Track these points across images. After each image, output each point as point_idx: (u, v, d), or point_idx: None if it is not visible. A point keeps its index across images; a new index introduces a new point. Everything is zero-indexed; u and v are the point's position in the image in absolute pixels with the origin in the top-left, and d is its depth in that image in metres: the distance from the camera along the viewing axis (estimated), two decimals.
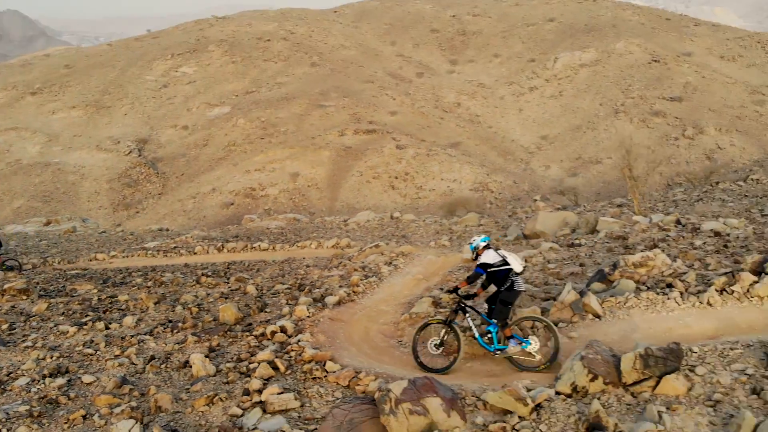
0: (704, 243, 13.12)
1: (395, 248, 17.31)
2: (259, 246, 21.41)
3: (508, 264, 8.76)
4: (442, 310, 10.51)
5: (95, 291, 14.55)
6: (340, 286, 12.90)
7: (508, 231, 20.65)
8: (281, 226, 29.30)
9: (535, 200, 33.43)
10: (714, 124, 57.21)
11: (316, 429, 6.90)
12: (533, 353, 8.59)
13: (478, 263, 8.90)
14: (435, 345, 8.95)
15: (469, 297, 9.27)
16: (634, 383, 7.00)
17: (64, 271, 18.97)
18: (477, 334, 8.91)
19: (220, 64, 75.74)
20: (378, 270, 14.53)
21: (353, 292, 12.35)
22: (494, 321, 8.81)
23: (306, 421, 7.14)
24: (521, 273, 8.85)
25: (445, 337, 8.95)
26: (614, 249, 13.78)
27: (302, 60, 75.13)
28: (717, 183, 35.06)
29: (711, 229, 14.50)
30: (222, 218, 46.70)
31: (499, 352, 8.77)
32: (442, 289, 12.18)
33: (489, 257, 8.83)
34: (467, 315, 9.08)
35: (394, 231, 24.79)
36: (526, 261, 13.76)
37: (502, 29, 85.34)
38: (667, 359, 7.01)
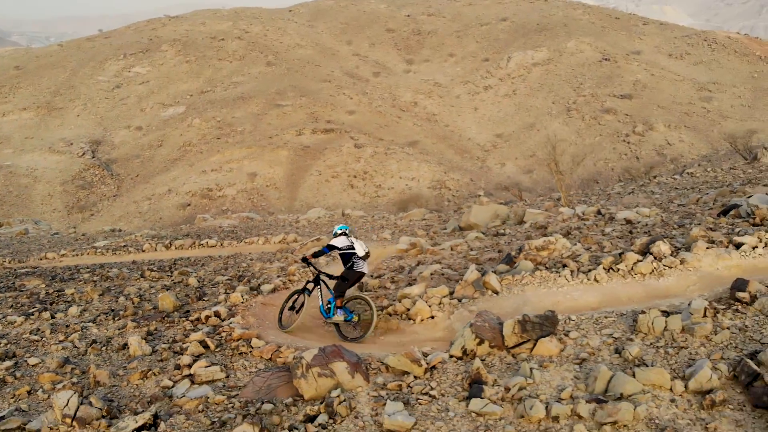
0: (613, 230, 14.34)
1: None
2: (207, 243, 21.95)
3: (354, 249, 10.34)
4: (366, 292, 11.55)
5: (43, 286, 15.13)
6: (278, 276, 13.74)
7: (447, 224, 21.78)
8: (233, 224, 29.90)
9: (479, 196, 34.73)
10: (663, 121, 59.24)
11: (238, 395, 7.81)
12: (354, 326, 10.28)
13: (327, 244, 10.53)
14: (288, 309, 10.59)
15: (333, 278, 10.73)
16: (515, 346, 8.06)
17: (14, 269, 19.39)
18: (321, 303, 10.54)
19: (173, 64, 75.46)
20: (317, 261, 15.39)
21: (289, 280, 13.21)
22: (333, 293, 10.37)
23: (230, 389, 8.02)
24: (364, 258, 10.39)
25: (297, 303, 10.56)
26: (533, 237, 14.88)
27: (258, 59, 75.31)
28: (654, 177, 36.89)
29: (624, 218, 15.76)
30: (178, 219, 46.82)
31: (329, 320, 10.40)
32: (371, 276, 13.19)
33: (338, 241, 10.45)
34: (319, 287, 10.66)
35: None
36: (452, 249, 14.85)
37: (456, 29, 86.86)
38: (543, 325, 8.09)
